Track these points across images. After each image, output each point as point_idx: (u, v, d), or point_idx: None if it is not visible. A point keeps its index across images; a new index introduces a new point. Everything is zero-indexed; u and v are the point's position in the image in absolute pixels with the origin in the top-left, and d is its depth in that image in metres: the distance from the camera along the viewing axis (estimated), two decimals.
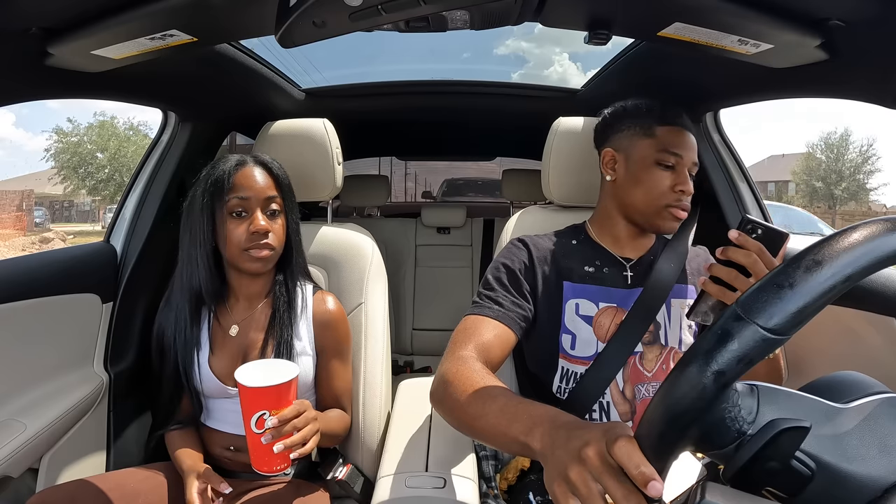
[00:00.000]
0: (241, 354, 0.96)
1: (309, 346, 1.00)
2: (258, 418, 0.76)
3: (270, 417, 0.76)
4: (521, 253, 0.95)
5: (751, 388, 0.41)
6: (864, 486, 0.38)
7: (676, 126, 0.93)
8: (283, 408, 0.77)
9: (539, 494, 0.86)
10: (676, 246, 0.98)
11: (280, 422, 0.76)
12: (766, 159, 35.68)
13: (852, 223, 0.40)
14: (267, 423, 0.76)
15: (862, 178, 23.98)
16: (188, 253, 0.95)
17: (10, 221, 18.42)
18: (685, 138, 0.92)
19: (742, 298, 0.38)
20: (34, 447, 0.96)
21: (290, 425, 0.77)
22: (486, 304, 0.87)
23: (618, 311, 0.91)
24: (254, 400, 0.76)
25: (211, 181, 0.93)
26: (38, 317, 1.02)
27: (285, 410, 0.77)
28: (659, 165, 0.92)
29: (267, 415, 0.76)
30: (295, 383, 0.79)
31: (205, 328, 0.98)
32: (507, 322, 0.85)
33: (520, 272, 0.92)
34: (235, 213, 0.93)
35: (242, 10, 0.79)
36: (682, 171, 0.91)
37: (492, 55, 11.43)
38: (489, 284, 0.91)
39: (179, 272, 0.97)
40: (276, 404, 0.76)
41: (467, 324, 0.84)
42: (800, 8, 0.74)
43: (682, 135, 0.92)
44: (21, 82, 0.89)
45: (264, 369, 0.80)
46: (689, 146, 0.92)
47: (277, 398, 0.76)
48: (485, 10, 0.74)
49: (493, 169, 3.76)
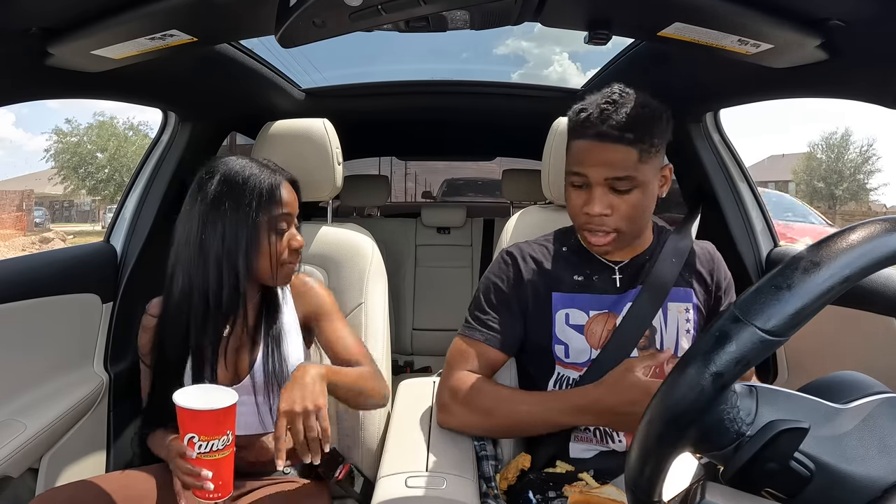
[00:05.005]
0: (234, 351, 0.96)
1: (295, 329, 1.00)
2: (188, 441, 0.75)
3: (199, 442, 0.74)
4: (508, 269, 0.95)
5: (749, 389, 0.41)
6: (864, 487, 0.38)
7: (587, 139, 0.83)
8: (214, 434, 0.75)
9: (539, 493, 0.86)
10: (677, 243, 0.95)
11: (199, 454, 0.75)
12: (766, 159, 35.66)
13: (852, 223, 0.40)
14: (196, 448, 0.74)
15: (862, 178, 23.97)
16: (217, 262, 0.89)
17: (10, 221, 18.42)
18: (594, 153, 0.83)
19: (740, 300, 0.38)
20: (34, 447, 0.96)
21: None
22: (477, 327, 0.93)
23: (609, 316, 0.91)
24: (185, 421, 0.75)
25: (263, 196, 0.90)
26: (38, 317, 1.02)
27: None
28: (571, 184, 0.88)
29: (196, 438, 0.74)
30: (230, 411, 0.76)
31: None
32: (497, 345, 0.92)
33: (508, 289, 0.93)
34: (279, 230, 0.93)
35: (242, 10, 0.79)
36: (592, 190, 0.84)
37: (492, 55, 11.48)
38: (480, 305, 0.95)
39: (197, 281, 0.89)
40: (205, 430, 0.74)
41: (460, 347, 0.93)
42: (800, 8, 0.74)
43: (592, 150, 0.83)
44: (21, 82, 0.90)
45: (206, 393, 0.78)
46: (598, 162, 0.83)
47: (207, 424, 0.74)
48: (485, 10, 0.74)
49: (493, 169, 3.75)
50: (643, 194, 0.85)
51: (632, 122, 0.81)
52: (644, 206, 0.86)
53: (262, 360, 0.94)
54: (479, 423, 0.90)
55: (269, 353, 0.95)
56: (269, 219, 0.91)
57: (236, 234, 0.89)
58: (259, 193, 0.90)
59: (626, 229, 0.87)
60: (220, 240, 0.88)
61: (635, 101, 0.83)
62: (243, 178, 0.90)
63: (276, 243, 0.92)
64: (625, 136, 0.81)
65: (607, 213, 0.85)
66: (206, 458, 0.75)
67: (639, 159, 0.82)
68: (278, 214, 0.92)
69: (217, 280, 0.89)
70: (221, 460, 0.76)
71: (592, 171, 0.84)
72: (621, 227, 0.86)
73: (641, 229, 0.92)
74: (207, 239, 0.88)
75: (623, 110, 0.82)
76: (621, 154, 0.82)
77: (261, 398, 0.95)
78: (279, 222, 0.92)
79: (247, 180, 0.90)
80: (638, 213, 0.86)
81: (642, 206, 0.86)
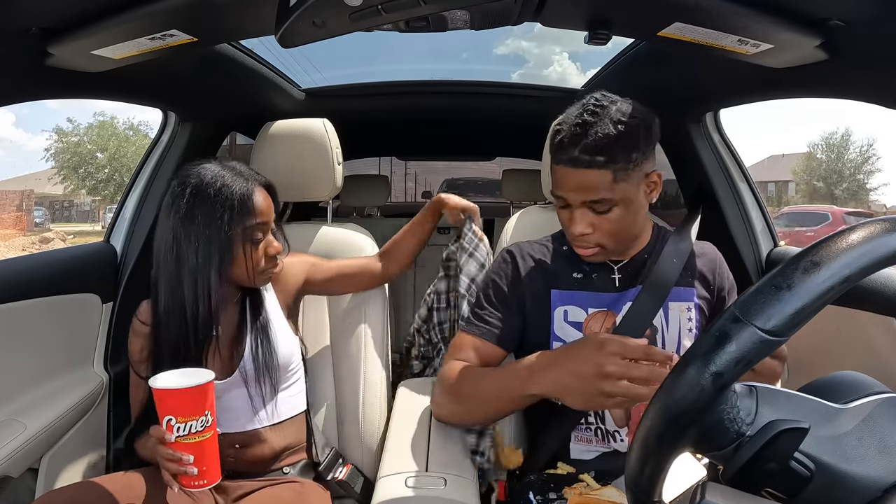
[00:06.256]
0: (227, 346, 0.96)
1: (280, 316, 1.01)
2: (167, 423, 0.74)
3: (176, 424, 0.74)
4: (507, 267, 0.96)
5: (749, 389, 0.41)
6: (864, 487, 0.38)
7: (561, 164, 0.83)
8: (191, 415, 0.74)
9: (539, 494, 0.86)
10: (678, 243, 0.95)
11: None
12: (766, 159, 35.65)
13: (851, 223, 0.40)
14: (174, 431, 0.74)
15: (862, 178, 23.98)
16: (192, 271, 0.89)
17: (10, 221, 18.42)
18: (569, 178, 0.83)
19: (740, 300, 0.38)
20: (34, 447, 0.96)
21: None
22: (475, 322, 0.93)
23: (608, 314, 0.91)
24: (161, 403, 0.75)
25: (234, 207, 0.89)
26: (38, 317, 1.03)
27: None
28: (558, 201, 0.88)
29: (173, 420, 0.74)
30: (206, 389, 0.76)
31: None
32: (493, 340, 0.91)
33: (507, 287, 0.94)
34: (254, 239, 0.92)
35: (242, 10, 0.79)
36: (572, 210, 0.85)
37: (492, 55, 11.44)
38: (479, 302, 0.95)
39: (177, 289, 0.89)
40: (181, 410, 0.74)
41: (457, 342, 0.93)
42: (800, 8, 0.74)
43: (566, 174, 0.83)
44: (21, 82, 0.90)
45: (182, 375, 0.77)
46: (573, 186, 0.83)
47: (183, 403, 0.74)
48: (485, 10, 0.74)
49: (493, 169, 3.76)
50: (625, 210, 0.84)
51: (604, 143, 0.79)
52: (627, 221, 0.86)
53: (251, 352, 0.95)
54: (457, 408, 0.89)
55: (257, 345, 0.95)
56: (243, 230, 0.90)
57: (209, 249, 0.88)
58: (231, 205, 0.88)
59: (610, 244, 0.87)
60: (194, 254, 0.88)
61: (611, 117, 0.80)
62: (214, 191, 0.88)
63: (251, 254, 0.92)
64: (595, 160, 0.79)
65: (588, 232, 0.85)
66: (185, 440, 0.74)
67: (613, 180, 0.81)
68: (252, 225, 0.91)
69: (193, 293, 0.89)
70: (203, 443, 0.75)
71: (570, 195, 0.84)
72: (604, 242, 0.86)
73: (631, 238, 0.92)
74: (182, 253, 0.88)
75: (594, 130, 0.79)
76: (595, 178, 0.81)
77: (253, 390, 0.95)
78: (254, 233, 0.92)
79: (218, 192, 0.89)
80: (621, 227, 0.86)
81: (625, 222, 0.85)
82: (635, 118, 0.82)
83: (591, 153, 0.79)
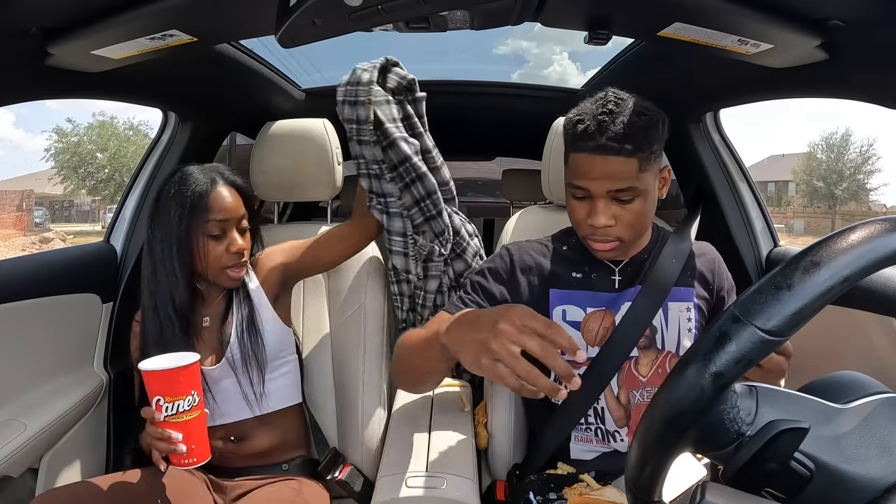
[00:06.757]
0: (216, 340, 0.97)
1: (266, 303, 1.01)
2: (156, 404, 0.78)
3: (165, 403, 0.77)
4: (502, 262, 0.95)
5: (749, 389, 0.41)
6: (864, 487, 0.38)
7: (586, 153, 0.82)
8: (178, 395, 0.78)
9: (539, 494, 0.86)
10: (677, 243, 0.95)
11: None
12: (766, 159, 35.68)
13: (852, 223, 0.40)
14: (163, 411, 0.78)
15: (862, 178, 24.00)
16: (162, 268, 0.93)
17: (10, 221, 18.43)
18: (595, 166, 0.82)
19: (740, 300, 0.38)
20: (34, 447, 0.96)
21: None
22: (456, 304, 0.92)
23: (606, 314, 0.91)
24: (149, 385, 0.78)
25: (189, 204, 0.92)
26: (38, 317, 1.02)
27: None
28: (573, 196, 0.88)
29: (162, 401, 0.77)
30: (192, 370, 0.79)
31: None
32: None
33: (497, 281, 0.93)
34: (213, 236, 0.94)
35: (242, 10, 0.79)
36: (594, 202, 0.84)
37: (491, 55, 11.48)
38: (465, 288, 0.95)
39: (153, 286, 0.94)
40: (168, 390, 0.78)
41: (436, 317, 0.89)
42: (800, 8, 0.74)
43: (593, 162, 0.82)
44: (21, 82, 0.90)
45: (169, 358, 0.81)
46: (599, 174, 0.82)
47: (169, 383, 0.78)
48: (485, 10, 0.74)
49: (493, 169, 3.74)
50: (645, 201, 0.85)
51: (630, 132, 0.80)
52: (646, 212, 0.87)
53: (237, 338, 0.96)
54: (399, 367, 0.87)
55: (242, 331, 0.97)
56: (202, 226, 0.93)
57: (170, 244, 0.92)
58: (188, 202, 0.92)
59: (629, 237, 0.87)
60: (160, 251, 0.93)
61: (632, 109, 0.82)
62: (176, 189, 0.93)
63: (207, 248, 0.93)
64: (624, 147, 0.80)
65: (611, 224, 0.85)
66: (173, 420, 0.78)
67: (639, 169, 0.82)
68: (209, 221, 0.93)
69: (166, 287, 0.93)
70: (190, 422, 0.79)
71: (594, 184, 0.83)
72: (624, 235, 0.86)
73: (643, 233, 0.93)
74: (153, 250, 0.94)
75: (620, 120, 0.81)
76: (622, 166, 0.81)
77: (241, 376, 0.96)
78: (212, 229, 0.93)
79: (178, 190, 0.93)
80: (641, 219, 0.86)
81: (644, 213, 0.86)
82: (654, 112, 0.84)
83: (620, 141, 0.80)
